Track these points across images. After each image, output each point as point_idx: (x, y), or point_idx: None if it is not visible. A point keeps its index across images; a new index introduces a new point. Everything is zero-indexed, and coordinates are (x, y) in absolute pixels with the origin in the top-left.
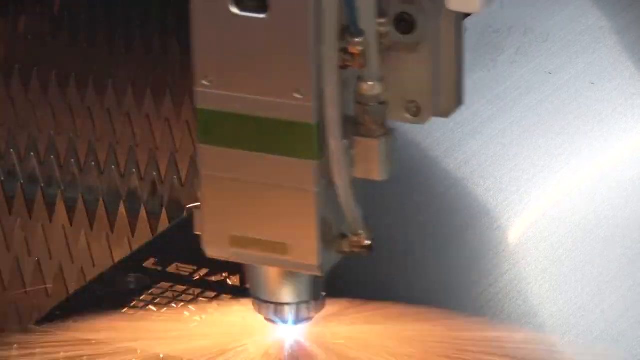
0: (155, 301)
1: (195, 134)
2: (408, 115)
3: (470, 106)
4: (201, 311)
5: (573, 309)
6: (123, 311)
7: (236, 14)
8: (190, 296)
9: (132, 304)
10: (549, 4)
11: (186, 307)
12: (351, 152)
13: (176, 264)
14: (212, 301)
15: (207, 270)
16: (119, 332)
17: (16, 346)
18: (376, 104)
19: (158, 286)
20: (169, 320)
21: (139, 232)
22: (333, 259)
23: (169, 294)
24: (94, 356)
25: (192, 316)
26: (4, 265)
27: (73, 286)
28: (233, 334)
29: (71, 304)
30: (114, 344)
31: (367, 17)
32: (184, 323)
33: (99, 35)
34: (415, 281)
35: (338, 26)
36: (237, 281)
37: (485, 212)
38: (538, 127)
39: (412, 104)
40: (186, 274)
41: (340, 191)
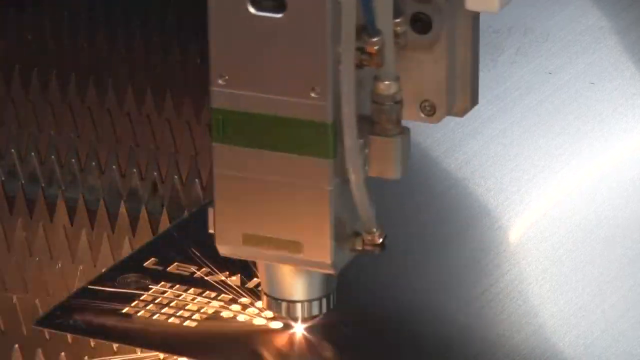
0: (156, 301)
1: (196, 133)
2: (423, 115)
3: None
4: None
5: (574, 309)
6: (123, 311)
7: (253, 13)
8: (191, 296)
9: (132, 304)
10: (549, 4)
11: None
12: (366, 151)
13: (176, 264)
14: (213, 301)
15: (208, 270)
16: (119, 332)
17: (16, 346)
18: (392, 103)
19: (159, 286)
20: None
21: (140, 232)
22: (346, 257)
23: (170, 294)
24: (93, 356)
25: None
26: (5, 265)
27: (73, 286)
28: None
29: (71, 304)
30: (114, 344)
31: (383, 16)
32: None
33: (99, 35)
34: (416, 281)
35: (355, 25)
36: (237, 281)
37: (486, 212)
38: (538, 128)
39: (427, 103)
40: (187, 274)
41: (354, 190)
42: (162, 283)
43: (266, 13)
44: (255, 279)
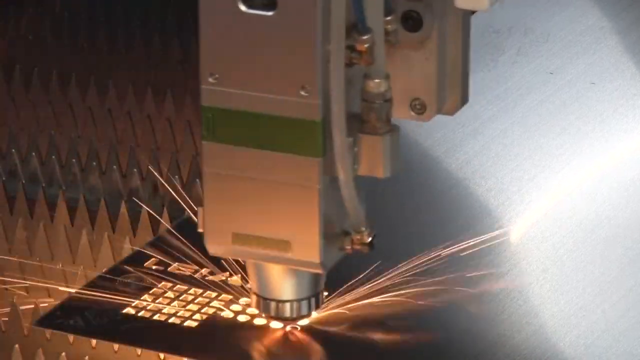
0: (156, 301)
1: (197, 133)
2: (413, 113)
3: (471, 106)
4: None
5: (574, 309)
6: (123, 311)
7: (244, 11)
8: (191, 296)
9: (132, 304)
10: (549, 5)
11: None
12: (355, 149)
13: (177, 264)
14: (213, 301)
15: (209, 270)
16: (119, 332)
17: (16, 346)
18: (382, 101)
19: (159, 286)
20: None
21: (140, 232)
22: (335, 256)
23: (170, 294)
24: (94, 356)
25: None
26: (5, 265)
27: (73, 286)
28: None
29: (71, 304)
30: (114, 344)
31: (374, 14)
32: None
33: (99, 35)
34: (416, 281)
35: (345, 24)
36: (238, 281)
37: (486, 212)
38: (539, 128)
39: (417, 101)
40: (187, 274)
41: (343, 188)
42: (163, 283)
43: (256, 11)
44: None
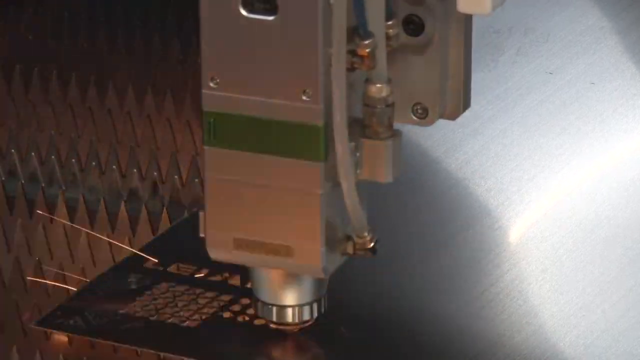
0: (156, 301)
1: (196, 133)
2: (414, 117)
3: (471, 106)
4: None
5: (574, 309)
6: (123, 311)
7: (245, 15)
8: (191, 296)
9: (132, 304)
10: (549, 5)
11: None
12: (357, 154)
13: (177, 264)
14: (213, 301)
15: (208, 271)
16: (119, 332)
17: (16, 346)
18: (383, 106)
19: (158, 286)
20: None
21: (140, 232)
22: (337, 261)
23: (170, 294)
24: (93, 356)
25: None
26: (5, 265)
27: (73, 286)
28: None
29: (71, 304)
30: (114, 344)
31: (375, 19)
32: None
33: (99, 35)
34: (416, 281)
35: (347, 28)
36: (237, 281)
37: (486, 212)
38: (539, 128)
39: (419, 106)
40: (187, 274)
41: (345, 193)
42: (162, 283)
43: (258, 15)
44: None
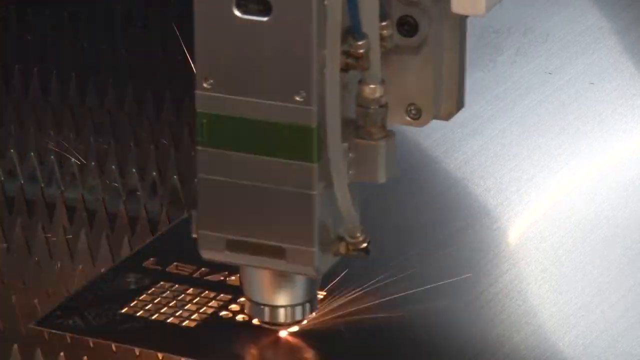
0: (155, 301)
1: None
2: (408, 118)
3: (470, 106)
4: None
5: (573, 309)
6: (123, 311)
7: (239, 16)
8: (190, 296)
9: (131, 304)
10: (548, 5)
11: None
12: (350, 154)
13: (176, 263)
14: (212, 301)
15: (207, 270)
16: (118, 332)
17: (15, 346)
18: (377, 107)
19: (158, 286)
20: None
21: (139, 232)
22: (330, 261)
23: (169, 293)
24: (92, 356)
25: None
26: (4, 265)
27: (73, 286)
28: None
29: (71, 304)
30: (113, 344)
31: (369, 20)
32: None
33: (99, 36)
34: (415, 281)
35: (341, 29)
36: (236, 281)
37: (485, 212)
38: (538, 128)
39: (412, 106)
40: (186, 273)
41: (338, 194)
42: (162, 283)
43: (251, 16)
44: None
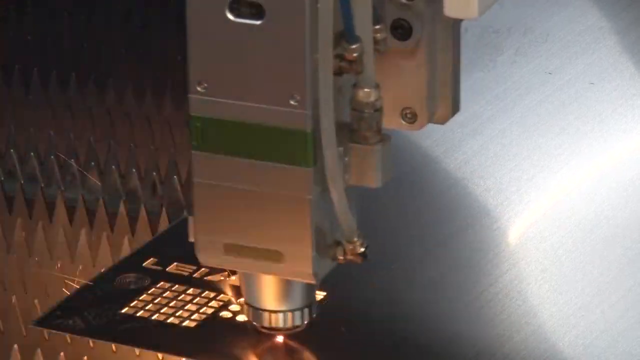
0: (155, 301)
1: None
2: (404, 122)
3: (470, 107)
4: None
5: (573, 309)
6: (122, 311)
7: (232, 20)
8: (190, 296)
9: (131, 304)
10: (548, 5)
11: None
12: (346, 159)
13: (176, 264)
14: (212, 301)
15: (207, 270)
16: (118, 332)
17: (15, 346)
18: (372, 111)
19: (158, 286)
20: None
21: (139, 232)
22: (328, 266)
23: (169, 293)
24: (92, 356)
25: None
26: (4, 266)
27: (73, 286)
28: None
29: (71, 304)
30: (112, 344)
31: (363, 23)
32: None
33: (98, 35)
34: (415, 281)
35: (334, 33)
36: (236, 281)
37: (485, 212)
38: (538, 128)
39: (407, 110)
40: (186, 273)
41: (334, 198)
42: (162, 283)
43: (244, 20)
44: None
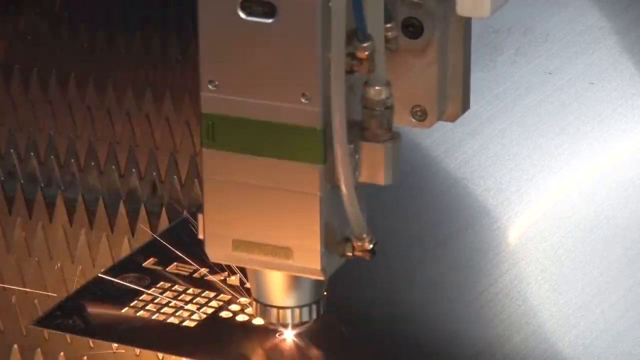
0: (155, 301)
1: (196, 133)
2: (413, 120)
3: (470, 106)
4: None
5: (573, 309)
6: (122, 311)
7: (243, 18)
8: (190, 296)
9: (131, 304)
10: (548, 5)
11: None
12: (356, 156)
13: (176, 264)
14: (212, 301)
15: (207, 270)
16: (118, 332)
17: (15, 346)
18: (383, 108)
19: (158, 286)
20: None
21: (139, 232)
22: (336, 262)
23: (169, 293)
24: (92, 356)
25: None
26: (4, 265)
27: (73, 286)
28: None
29: (70, 304)
30: (112, 344)
31: (374, 22)
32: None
33: (98, 35)
34: (415, 281)
35: (346, 31)
36: (236, 281)
37: (485, 212)
38: (538, 127)
39: (418, 108)
40: (186, 273)
41: (344, 195)
42: (162, 283)
43: (256, 18)
44: None
